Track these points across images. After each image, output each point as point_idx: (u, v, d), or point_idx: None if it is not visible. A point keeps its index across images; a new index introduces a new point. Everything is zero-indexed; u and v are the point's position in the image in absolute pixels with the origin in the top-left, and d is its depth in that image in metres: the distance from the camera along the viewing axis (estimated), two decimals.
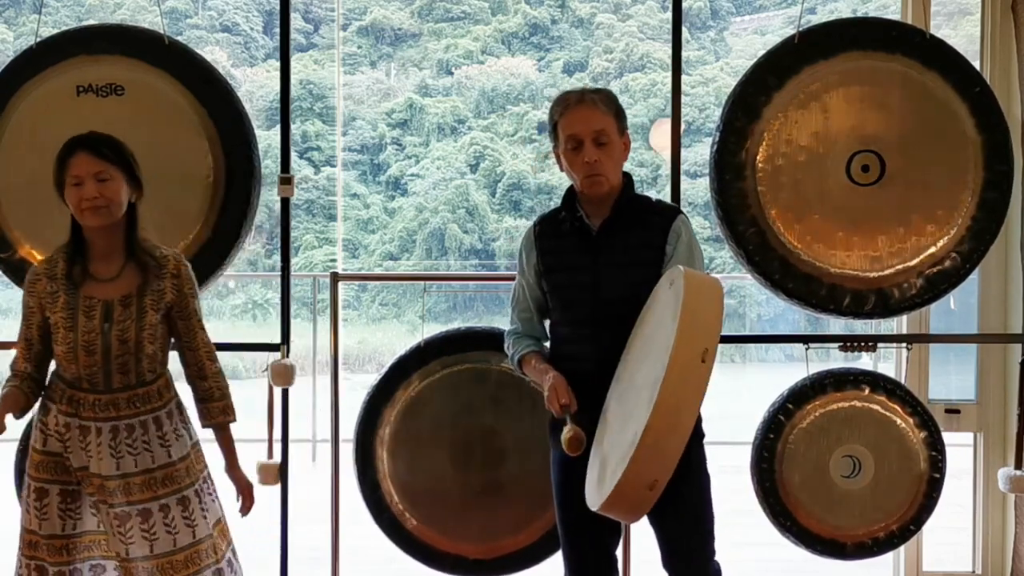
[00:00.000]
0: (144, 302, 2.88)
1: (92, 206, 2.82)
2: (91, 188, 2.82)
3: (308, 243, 19.18)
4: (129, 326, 2.85)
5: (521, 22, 22.10)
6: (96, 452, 2.86)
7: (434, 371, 3.78)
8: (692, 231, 2.92)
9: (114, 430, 2.86)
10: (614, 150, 2.89)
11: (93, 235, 2.88)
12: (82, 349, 2.83)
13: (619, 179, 2.93)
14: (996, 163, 3.63)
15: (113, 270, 2.89)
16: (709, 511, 2.91)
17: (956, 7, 7.26)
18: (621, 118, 2.92)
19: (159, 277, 2.91)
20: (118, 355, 2.85)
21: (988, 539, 4.30)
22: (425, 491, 3.77)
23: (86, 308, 2.85)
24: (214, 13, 21.71)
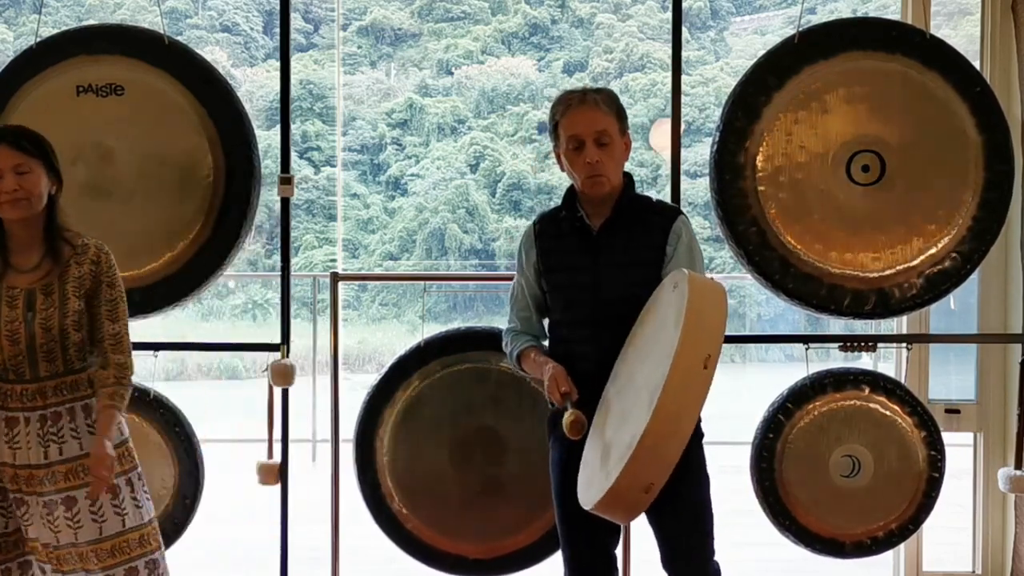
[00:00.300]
0: (66, 289, 2.88)
1: (12, 199, 2.82)
2: (10, 181, 2.82)
3: (308, 243, 19.18)
4: (52, 314, 2.85)
5: (521, 22, 22.10)
6: (24, 442, 2.85)
7: (434, 371, 3.78)
8: (692, 232, 2.92)
9: (42, 419, 2.86)
10: (615, 150, 2.89)
11: (13, 226, 2.88)
12: (6, 339, 2.83)
13: (620, 179, 2.93)
14: (996, 163, 3.63)
15: (33, 260, 2.89)
16: (708, 511, 2.91)
17: (956, 7, 7.26)
18: (622, 118, 2.92)
19: (79, 264, 2.91)
20: (43, 343, 2.85)
21: (988, 539, 4.30)
22: (425, 491, 3.77)
23: (9, 298, 2.85)
24: (214, 13, 21.71)
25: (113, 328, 2.93)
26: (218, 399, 12.16)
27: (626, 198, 2.93)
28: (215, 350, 6.92)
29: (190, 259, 3.70)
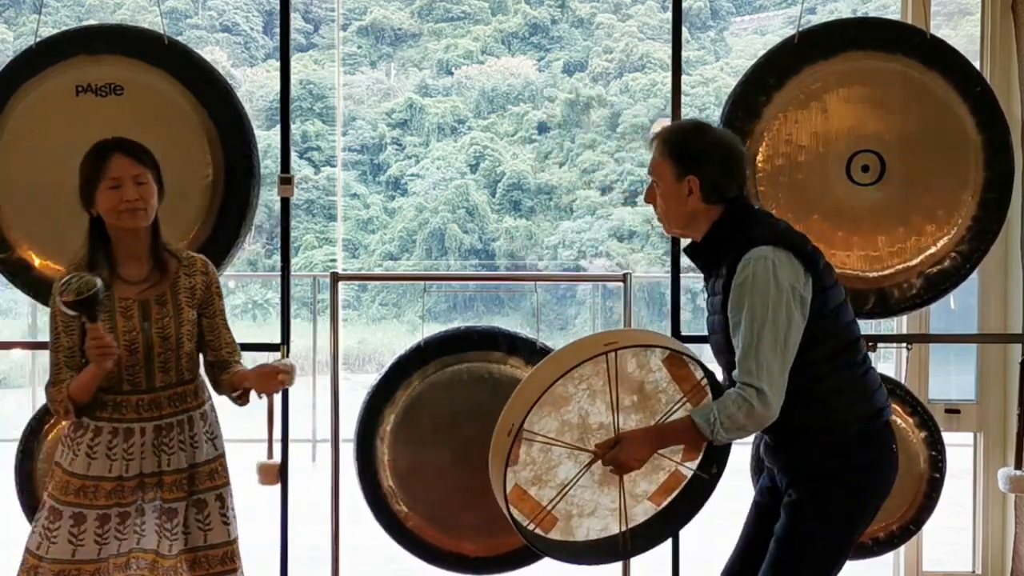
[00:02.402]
0: (179, 299, 2.92)
1: (131, 208, 2.84)
2: (131, 190, 2.84)
3: (308, 243, 19.18)
4: (168, 323, 2.89)
5: (521, 22, 22.11)
6: (139, 452, 2.87)
7: (434, 371, 3.78)
8: (765, 267, 2.58)
9: (156, 429, 2.89)
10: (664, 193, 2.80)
11: (125, 237, 2.89)
12: (124, 348, 2.84)
13: (681, 223, 2.80)
14: (996, 163, 3.64)
15: (142, 272, 2.91)
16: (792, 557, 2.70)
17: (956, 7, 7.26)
18: (676, 159, 2.76)
19: (189, 275, 2.96)
20: (160, 352, 2.88)
21: (988, 539, 4.30)
22: (425, 490, 3.77)
23: (123, 309, 2.86)
24: (214, 13, 21.71)
25: (229, 336, 3.05)
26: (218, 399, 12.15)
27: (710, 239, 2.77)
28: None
29: None
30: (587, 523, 3.05)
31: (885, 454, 2.72)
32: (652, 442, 2.73)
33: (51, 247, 3.68)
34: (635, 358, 2.90)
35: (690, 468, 3.02)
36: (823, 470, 2.69)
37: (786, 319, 2.56)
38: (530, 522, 2.95)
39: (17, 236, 3.69)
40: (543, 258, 19.44)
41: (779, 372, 2.56)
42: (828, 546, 2.70)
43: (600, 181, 19.96)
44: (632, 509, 3.04)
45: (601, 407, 2.91)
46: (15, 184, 3.67)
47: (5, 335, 15.55)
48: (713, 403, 2.66)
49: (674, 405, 2.90)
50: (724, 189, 2.73)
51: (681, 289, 3.86)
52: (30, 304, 6.85)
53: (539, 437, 2.89)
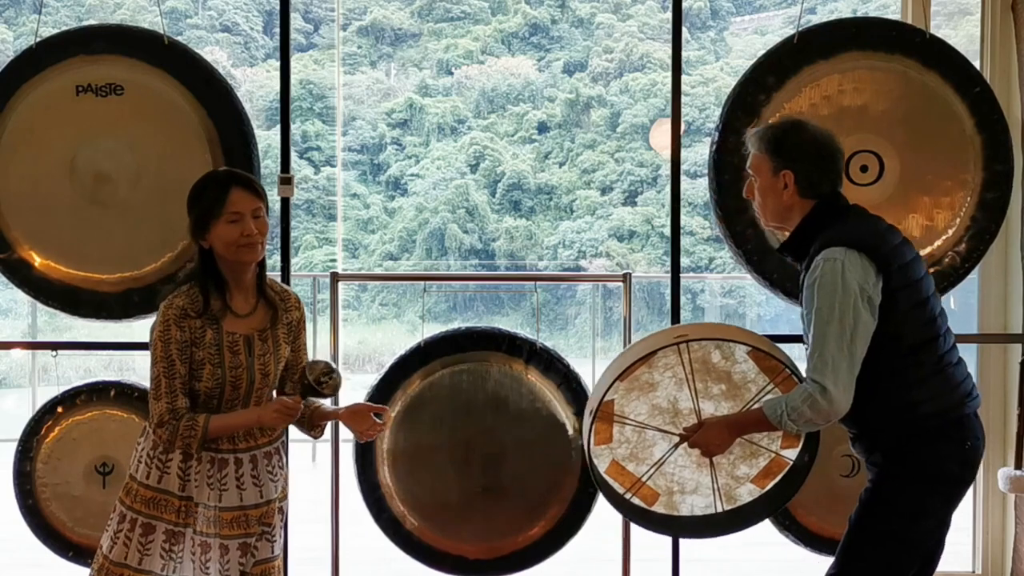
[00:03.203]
0: (278, 334, 2.92)
1: (251, 242, 2.84)
2: (250, 224, 2.83)
3: (308, 243, 19.18)
4: (268, 360, 2.89)
5: (521, 22, 22.09)
6: (234, 484, 2.86)
7: (434, 371, 3.78)
8: (835, 268, 2.66)
9: (253, 460, 2.89)
10: (761, 188, 2.90)
11: (238, 270, 2.87)
12: (229, 385, 2.84)
13: (775, 217, 2.89)
14: (996, 163, 3.64)
15: (249, 305, 2.90)
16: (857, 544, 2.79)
17: (956, 7, 7.27)
18: (773, 153, 2.85)
19: (287, 311, 2.96)
20: (259, 388, 2.88)
21: (988, 539, 4.30)
22: (425, 491, 3.77)
23: (230, 343, 2.84)
24: (214, 13, 21.70)
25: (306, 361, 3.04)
26: None
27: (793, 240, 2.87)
28: None
29: (190, 259, 3.70)
30: (690, 500, 3.31)
31: (955, 450, 2.74)
32: (730, 429, 2.89)
33: (51, 247, 3.69)
34: (718, 350, 3.16)
35: (790, 455, 3.21)
36: (892, 463, 2.76)
37: (853, 319, 2.64)
38: (626, 491, 3.28)
39: (17, 236, 3.69)
40: (543, 258, 19.44)
41: (846, 370, 2.65)
42: (894, 538, 2.76)
43: (600, 181, 19.95)
44: (736, 490, 3.29)
45: (695, 392, 3.18)
46: (15, 184, 3.67)
47: (5, 335, 15.56)
48: (783, 396, 2.78)
49: (762, 394, 3.11)
50: (818, 184, 2.81)
51: (681, 289, 3.86)
52: (30, 304, 6.85)
53: (629, 419, 3.20)
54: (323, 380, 2.90)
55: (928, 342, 2.75)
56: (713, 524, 3.33)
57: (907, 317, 2.72)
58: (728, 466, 3.24)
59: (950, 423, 2.74)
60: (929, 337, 2.75)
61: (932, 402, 2.73)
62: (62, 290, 3.70)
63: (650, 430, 3.22)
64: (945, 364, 2.77)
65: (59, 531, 3.78)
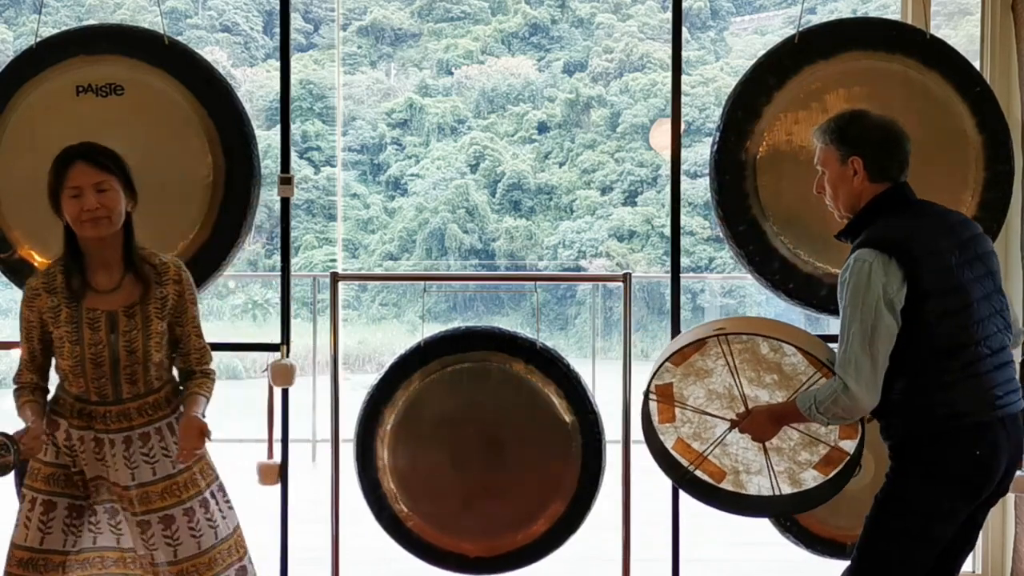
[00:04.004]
0: (148, 310, 2.86)
1: (93, 217, 2.79)
2: (91, 199, 2.78)
3: (308, 243, 19.17)
4: (136, 336, 2.83)
5: (521, 22, 22.09)
6: (112, 463, 2.85)
7: (434, 371, 3.78)
8: (862, 269, 2.71)
9: (127, 440, 2.86)
10: (830, 179, 2.93)
11: (91, 246, 2.84)
12: (89, 362, 2.82)
13: (847, 208, 2.91)
14: (996, 163, 3.64)
15: (113, 281, 2.86)
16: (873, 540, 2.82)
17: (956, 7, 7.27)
18: (839, 143, 2.89)
19: (160, 284, 2.89)
20: (126, 365, 2.83)
21: (988, 539, 4.30)
22: (425, 490, 3.77)
23: (90, 320, 2.82)
24: (214, 13, 21.70)
25: (200, 343, 2.99)
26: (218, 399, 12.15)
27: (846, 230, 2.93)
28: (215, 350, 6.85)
29: (190, 259, 3.69)
30: (757, 480, 3.44)
31: (963, 455, 2.75)
32: (773, 418, 3.01)
33: (52, 247, 3.67)
34: (766, 343, 3.30)
35: (848, 446, 3.32)
36: (905, 461, 2.80)
37: (874, 320, 2.69)
38: (690, 464, 3.41)
39: (18, 236, 3.69)
40: (543, 258, 19.43)
41: (868, 368, 2.70)
42: (907, 535, 2.78)
43: (600, 181, 19.95)
44: (800, 475, 3.42)
45: (743, 381, 3.32)
46: (16, 184, 3.67)
47: (5, 335, 15.54)
48: (814, 390, 2.84)
49: (809, 384, 3.22)
50: (888, 168, 2.86)
51: (681, 289, 3.86)
52: None
53: (688, 404, 3.39)
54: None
55: (961, 347, 2.74)
56: (777, 505, 3.47)
57: (938, 322, 2.72)
58: (789, 452, 3.39)
59: (966, 428, 2.74)
60: (963, 342, 2.75)
61: (951, 405, 2.74)
62: None
63: (704, 415, 3.38)
64: (980, 370, 2.76)
65: None
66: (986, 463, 2.76)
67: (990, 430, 2.75)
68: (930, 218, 2.85)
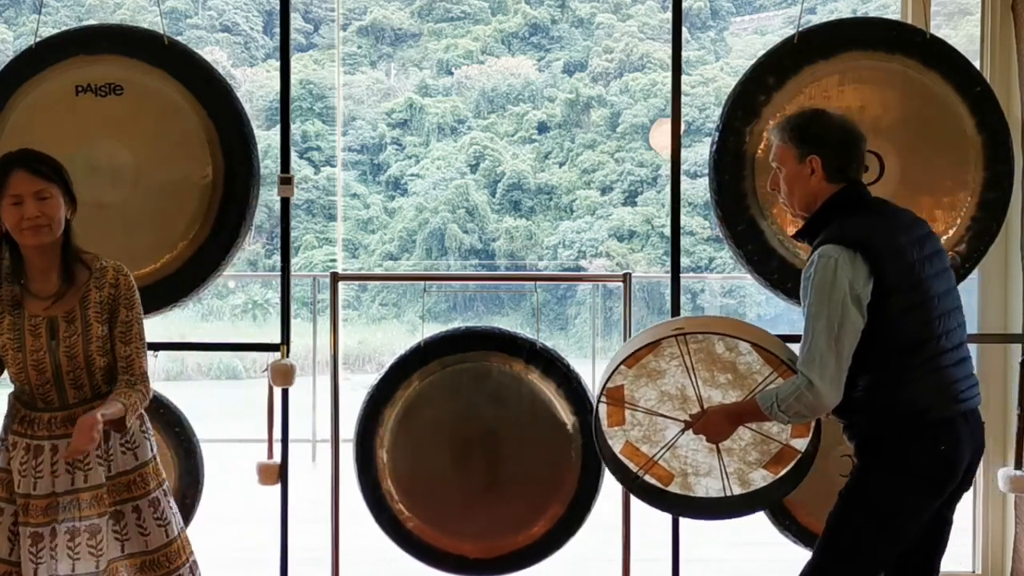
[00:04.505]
0: (88, 315, 2.82)
1: (33, 225, 2.76)
2: (32, 207, 2.75)
3: (308, 243, 19.18)
4: (76, 341, 2.81)
5: (521, 22, 22.09)
6: (48, 471, 2.79)
7: (434, 371, 3.78)
8: (827, 265, 2.70)
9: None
10: (786, 176, 2.91)
11: (31, 253, 2.81)
12: (32, 368, 2.79)
13: (803, 206, 2.90)
14: (996, 163, 3.64)
15: (52, 287, 2.83)
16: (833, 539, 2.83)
17: (956, 7, 7.27)
18: (797, 142, 2.86)
19: (99, 288, 2.85)
20: (69, 371, 2.81)
21: (988, 539, 4.30)
22: (425, 491, 3.77)
23: (32, 328, 2.80)
24: (214, 13, 21.70)
25: (124, 350, 2.86)
26: (218, 399, 12.17)
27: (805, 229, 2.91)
28: (215, 350, 6.92)
29: (190, 259, 3.70)
30: (705, 482, 3.38)
31: (926, 450, 2.75)
32: (730, 418, 2.97)
33: None
34: (722, 341, 3.25)
35: (800, 444, 3.27)
36: (868, 456, 2.81)
37: (840, 316, 2.67)
38: (639, 469, 3.35)
39: None
40: (543, 258, 19.43)
41: (833, 365, 2.68)
42: (869, 528, 2.77)
43: (600, 181, 19.95)
44: (749, 475, 3.36)
45: (697, 381, 3.26)
46: None
47: None
48: (775, 388, 2.82)
49: (766, 384, 3.18)
50: (845, 169, 2.85)
51: (681, 289, 3.86)
52: None
53: (639, 406, 3.31)
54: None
55: (922, 342, 2.74)
56: (726, 506, 3.40)
57: (901, 318, 2.72)
58: (740, 452, 3.33)
59: (929, 423, 2.74)
60: (924, 337, 2.75)
61: (914, 401, 2.74)
62: None
63: (656, 416, 3.31)
64: (940, 365, 2.76)
65: None
66: (950, 458, 2.76)
67: (953, 425, 2.75)
68: (886, 216, 2.85)
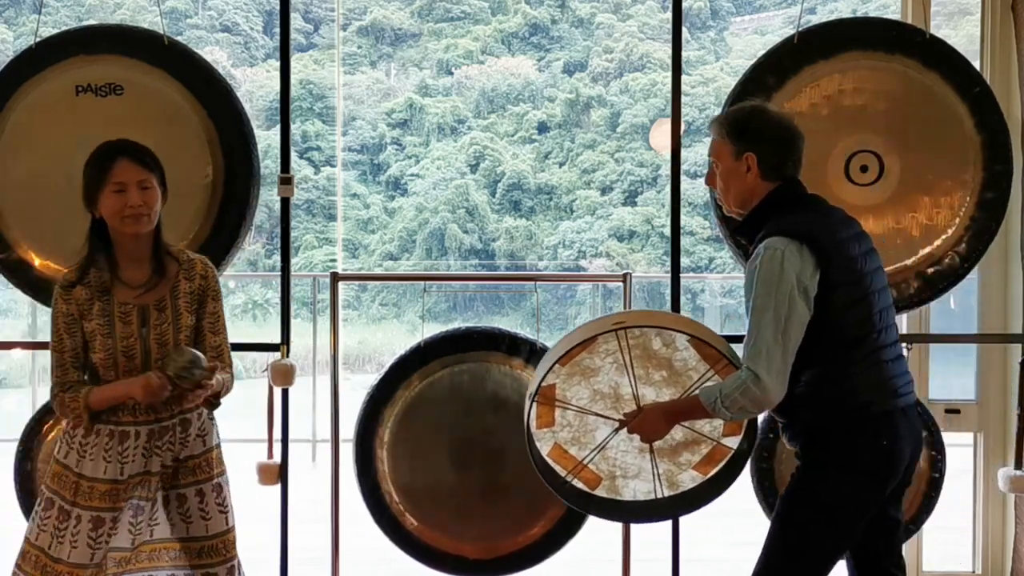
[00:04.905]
0: (178, 304, 2.90)
1: (135, 213, 2.82)
2: (135, 196, 2.82)
3: (308, 243, 19.19)
4: (167, 329, 2.87)
5: (521, 22, 22.11)
6: (132, 456, 2.85)
7: (434, 371, 3.78)
8: (774, 257, 2.67)
9: (150, 433, 2.87)
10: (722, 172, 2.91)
11: (126, 241, 2.87)
12: (121, 355, 2.84)
13: (737, 202, 2.89)
14: (996, 163, 3.64)
15: (143, 275, 2.89)
16: (780, 536, 2.83)
17: (956, 7, 7.27)
18: (734, 137, 2.85)
19: (189, 279, 2.92)
20: (157, 358, 2.85)
21: (988, 539, 4.30)
22: (425, 491, 3.77)
23: (122, 314, 2.84)
24: (214, 13, 21.71)
25: (215, 340, 2.96)
26: None
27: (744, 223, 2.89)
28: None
29: None
30: (633, 484, 3.26)
31: (870, 445, 2.73)
32: (668, 416, 2.90)
33: (51, 247, 3.68)
34: (659, 337, 3.12)
35: (732, 443, 3.17)
36: (815, 454, 2.77)
37: (788, 309, 2.64)
38: (568, 474, 3.22)
39: (17, 236, 3.69)
40: (543, 258, 19.44)
41: (779, 359, 2.65)
42: (816, 523, 2.75)
43: (600, 181, 19.97)
44: (677, 476, 3.24)
45: (634, 378, 3.13)
46: (15, 184, 3.67)
47: (5, 335, 15.55)
48: (719, 383, 2.78)
49: (702, 381, 3.07)
50: (781, 166, 2.82)
51: (681, 289, 3.86)
52: (30, 304, 6.85)
53: (571, 404, 3.17)
54: (183, 375, 2.74)
55: (864, 337, 2.74)
56: (655, 509, 3.29)
57: (845, 311, 2.71)
58: (670, 452, 3.21)
59: (872, 418, 2.73)
60: (865, 332, 2.74)
61: (858, 396, 2.73)
62: None
63: (590, 415, 3.18)
64: (880, 359, 2.76)
65: None
66: (892, 453, 2.75)
67: (893, 419, 2.75)
68: (824, 212, 2.84)
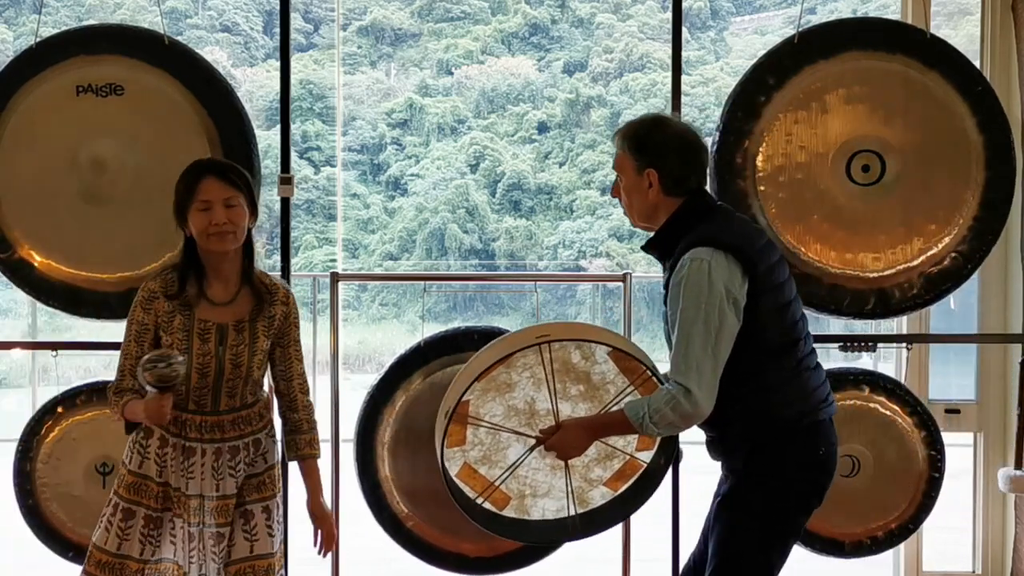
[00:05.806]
0: (256, 328, 2.90)
1: (220, 231, 2.83)
2: (220, 213, 2.82)
3: (308, 243, 19.19)
4: (242, 351, 2.88)
5: (521, 22, 22.11)
6: (199, 473, 2.87)
7: (434, 371, 3.78)
8: (700, 268, 2.61)
9: (217, 452, 2.89)
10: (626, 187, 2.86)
11: (214, 259, 2.88)
12: (195, 371, 2.85)
13: (642, 218, 2.85)
14: (997, 163, 3.64)
15: (229, 294, 2.90)
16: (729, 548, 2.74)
17: (956, 7, 7.27)
18: (635, 152, 2.79)
19: (271, 304, 2.93)
20: (229, 378, 2.87)
21: (988, 539, 4.30)
22: (425, 490, 3.77)
23: (201, 331, 2.85)
24: (214, 13, 21.71)
25: (300, 368, 3.01)
26: None
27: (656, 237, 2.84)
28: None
29: None
30: (542, 503, 3.13)
31: (808, 455, 2.71)
32: (589, 431, 2.80)
33: (52, 247, 3.69)
34: (579, 350, 2.98)
35: (645, 457, 3.08)
36: (752, 466, 2.72)
37: (718, 320, 2.59)
38: (478, 496, 3.07)
39: (18, 236, 3.69)
40: (543, 258, 19.45)
41: (710, 372, 2.60)
42: (760, 542, 2.72)
43: (600, 181, 19.96)
44: (588, 493, 3.12)
45: (547, 394, 2.99)
46: (16, 184, 3.67)
47: (5, 335, 15.55)
48: (646, 398, 2.70)
49: (622, 396, 2.96)
50: (683, 181, 2.77)
51: None
52: (30, 304, 6.85)
53: (484, 421, 3.02)
54: (166, 373, 2.70)
55: (789, 345, 2.71)
56: (565, 528, 3.15)
57: (771, 320, 2.67)
58: (582, 469, 3.10)
59: (804, 428, 2.70)
60: (790, 340, 2.72)
61: (789, 406, 2.69)
62: (62, 290, 3.70)
63: (505, 432, 3.04)
64: (803, 368, 2.74)
65: (59, 531, 3.78)
66: (827, 461, 2.74)
67: (824, 430, 2.74)
68: (737, 221, 2.81)
